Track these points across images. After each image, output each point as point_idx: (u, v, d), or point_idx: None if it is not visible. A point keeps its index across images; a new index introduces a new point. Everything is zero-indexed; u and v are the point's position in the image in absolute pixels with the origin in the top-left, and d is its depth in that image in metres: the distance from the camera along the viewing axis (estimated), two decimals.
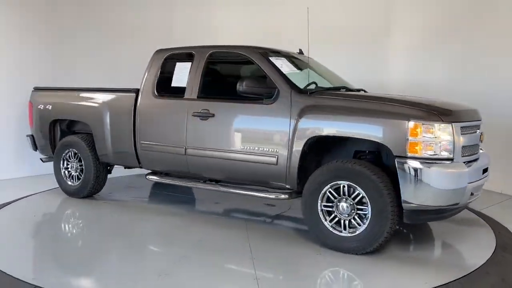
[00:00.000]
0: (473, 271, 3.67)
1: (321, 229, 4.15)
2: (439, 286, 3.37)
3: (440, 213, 3.96)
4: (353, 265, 3.83)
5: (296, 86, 4.42)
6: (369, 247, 3.95)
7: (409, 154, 3.74)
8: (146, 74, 5.40)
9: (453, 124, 3.77)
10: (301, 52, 5.52)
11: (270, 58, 4.69)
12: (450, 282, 3.43)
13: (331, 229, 4.10)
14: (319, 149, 4.41)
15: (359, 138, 4.09)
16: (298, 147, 4.22)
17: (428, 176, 3.69)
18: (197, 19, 8.68)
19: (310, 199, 4.18)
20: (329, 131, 4.10)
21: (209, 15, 8.76)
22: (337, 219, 4.09)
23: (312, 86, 4.61)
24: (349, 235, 4.03)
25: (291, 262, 4.00)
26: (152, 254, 4.35)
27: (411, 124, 3.73)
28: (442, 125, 3.74)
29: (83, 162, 5.89)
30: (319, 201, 4.14)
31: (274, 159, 4.38)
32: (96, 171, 5.84)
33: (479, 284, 3.50)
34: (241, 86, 4.35)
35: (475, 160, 4.15)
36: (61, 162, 6.10)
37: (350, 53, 7.65)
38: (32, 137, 6.45)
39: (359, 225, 3.98)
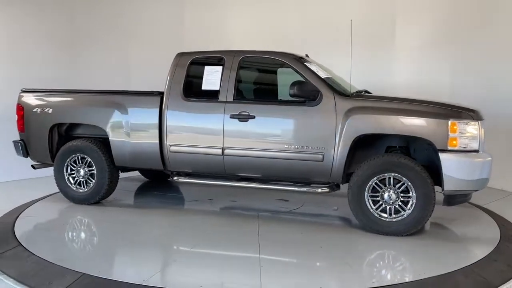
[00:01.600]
0: (481, 258, 4.07)
1: (369, 216, 4.69)
2: (455, 270, 3.77)
3: (466, 196, 4.74)
4: (397, 247, 4.41)
5: (336, 89, 4.89)
6: (413, 229, 4.60)
7: (449, 148, 4.45)
8: (171, 77, 5.44)
9: (479, 122, 4.55)
10: (307, 57, 5.99)
11: (305, 63, 5.09)
12: (464, 267, 3.85)
13: (378, 216, 4.66)
14: (357, 146, 4.92)
15: (393, 135, 4.72)
16: (346, 144, 4.70)
17: (466, 165, 4.44)
18: (206, 21, 8.81)
19: (358, 191, 4.70)
20: (378, 129, 4.66)
21: (218, 16, 8.89)
22: (382, 207, 4.66)
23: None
24: (395, 219, 4.62)
25: (349, 247, 4.48)
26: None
27: (450, 122, 4.44)
28: (472, 122, 4.50)
29: (94, 167, 5.70)
30: (366, 192, 4.68)
31: (320, 156, 4.81)
32: (110, 176, 5.70)
33: (488, 269, 3.88)
34: (293, 90, 4.71)
35: None
36: (65, 168, 5.82)
37: (354, 55, 8.01)
38: (22, 142, 6.02)
39: (404, 210, 4.60)
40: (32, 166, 6.25)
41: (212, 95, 5.26)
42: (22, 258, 4.03)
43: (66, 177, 5.85)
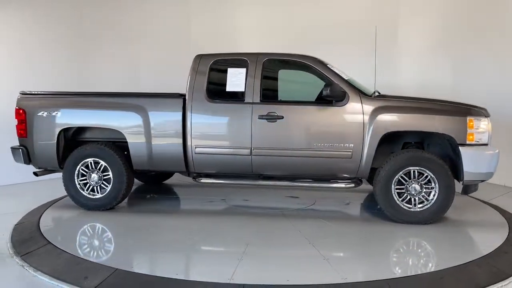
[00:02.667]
0: (493, 250, 4.26)
1: (396, 208, 5.06)
2: (469, 261, 3.99)
3: (476, 186, 5.26)
4: (420, 234, 4.79)
5: (361, 90, 5.21)
6: (436, 217, 5.05)
7: (467, 142, 4.95)
8: (192, 79, 5.45)
9: (488, 118, 5.10)
10: None
11: (328, 66, 5.36)
12: (476, 259, 4.06)
13: (404, 207, 5.05)
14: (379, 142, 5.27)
15: (410, 131, 5.14)
16: (374, 141, 5.04)
17: (482, 157, 4.95)
18: (213, 21, 8.85)
19: (386, 184, 5.05)
20: (405, 127, 5.04)
21: (224, 17, 8.93)
22: (407, 198, 5.06)
23: None
24: (420, 209, 5.04)
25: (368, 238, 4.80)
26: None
27: (468, 119, 4.94)
28: (483, 119, 5.03)
29: (110, 171, 5.54)
30: (393, 185, 5.05)
31: (349, 153, 5.10)
32: (128, 180, 5.57)
33: (500, 260, 4.09)
34: (326, 91, 4.96)
35: None
36: (76, 174, 5.59)
37: (357, 54, 8.12)
38: (24, 149, 5.68)
39: (427, 200, 5.02)
40: (35, 173, 5.91)
41: (237, 97, 5.36)
42: (54, 255, 4.12)
43: (77, 183, 5.62)
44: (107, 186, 5.60)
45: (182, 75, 6.58)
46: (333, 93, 4.99)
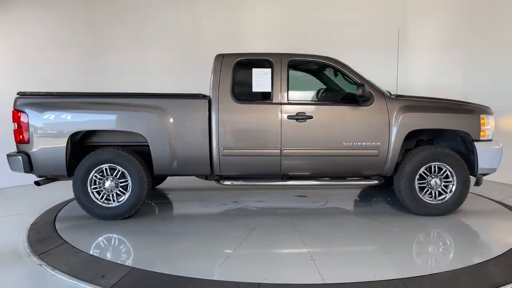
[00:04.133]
0: (508, 250, 4.27)
1: (419, 201, 5.37)
2: (485, 261, 4.00)
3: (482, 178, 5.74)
4: (434, 234, 4.97)
5: (384, 91, 5.44)
6: (455, 208, 5.43)
7: (481, 138, 5.39)
8: (216, 79, 5.30)
9: (493, 116, 5.60)
10: None
11: (351, 67, 5.51)
12: (492, 258, 4.07)
13: (425, 200, 5.37)
14: None
15: (425, 129, 5.49)
16: (400, 139, 5.29)
17: (492, 151, 5.43)
18: (222, 23, 8.80)
19: (410, 179, 5.34)
20: (427, 125, 5.36)
21: (233, 18, 8.90)
22: (428, 192, 5.39)
23: None
24: (440, 202, 5.39)
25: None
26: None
27: (481, 117, 5.39)
28: (491, 117, 5.52)
29: (129, 177, 5.19)
30: (416, 180, 5.35)
31: (376, 151, 5.30)
32: (148, 185, 5.26)
33: None
34: (360, 91, 5.11)
35: None
36: (89, 182, 5.16)
37: (367, 55, 8.26)
38: (25, 156, 5.12)
39: (445, 193, 5.39)
40: (37, 182, 5.35)
41: (264, 97, 5.31)
42: (71, 254, 4.17)
43: (90, 192, 5.18)
44: (124, 194, 5.23)
45: (192, 76, 6.46)
46: (365, 93, 5.16)
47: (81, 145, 5.40)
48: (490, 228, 5.18)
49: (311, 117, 5.25)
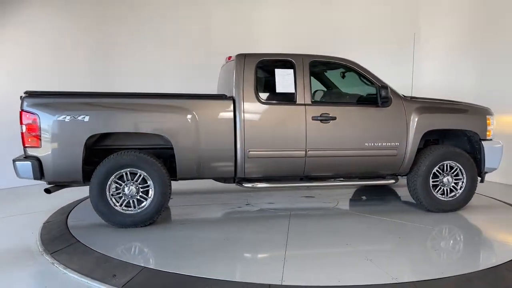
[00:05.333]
0: None
1: (433, 198, 5.59)
2: (499, 264, 3.94)
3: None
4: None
5: (398, 92, 5.60)
6: (464, 204, 5.72)
7: (487, 137, 5.73)
8: (239, 79, 5.17)
9: (493, 116, 5.96)
10: None
11: (369, 70, 5.62)
12: (508, 261, 3.99)
13: (439, 197, 5.61)
14: None
15: (433, 129, 5.73)
16: (417, 139, 5.48)
17: (496, 149, 5.78)
18: (233, 24, 8.78)
19: (425, 177, 5.54)
20: (443, 125, 5.60)
21: (244, 19, 8.86)
22: (440, 189, 5.63)
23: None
24: (451, 199, 5.65)
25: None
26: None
27: (487, 117, 5.72)
28: (492, 117, 5.87)
29: (151, 182, 4.92)
30: (431, 178, 5.57)
31: (395, 151, 5.45)
32: (170, 190, 5.03)
33: None
34: (383, 92, 5.22)
35: None
36: (108, 188, 4.84)
37: (380, 55, 8.31)
38: (36, 161, 4.69)
39: (456, 190, 5.66)
40: (47, 190, 4.92)
41: (288, 98, 5.26)
42: (83, 253, 4.20)
43: (109, 199, 4.86)
44: (145, 199, 4.96)
45: (203, 76, 6.32)
46: (388, 94, 5.28)
47: (91, 149, 5.04)
48: (501, 231, 5.18)
49: (334, 118, 5.28)
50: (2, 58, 7.47)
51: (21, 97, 4.83)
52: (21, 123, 4.71)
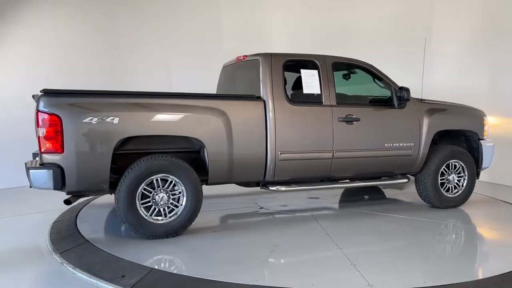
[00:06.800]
0: None
1: (441, 195, 5.88)
2: None
3: None
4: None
5: None
6: (465, 200, 6.08)
7: (484, 137, 6.15)
8: (267, 79, 5.00)
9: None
10: None
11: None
12: None
13: (445, 194, 5.92)
14: None
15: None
16: (429, 140, 5.72)
17: (491, 148, 6.22)
18: (244, 24, 8.77)
19: (435, 176, 5.81)
20: (452, 126, 5.92)
21: (255, 19, 8.86)
22: (446, 187, 5.95)
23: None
24: (454, 195, 5.98)
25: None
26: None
27: (484, 118, 6.14)
28: (486, 118, 6.32)
29: (183, 188, 4.59)
30: (439, 176, 5.85)
31: (410, 151, 5.64)
32: (201, 197, 4.73)
33: None
34: (405, 94, 5.37)
35: None
36: (138, 196, 4.43)
37: (392, 57, 8.19)
38: (58, 169, 4.15)
39: (459, 187, 6.01)
40: (68, 201, 4.40)
41: (314, 99, 5.21)
42: (92, 253, 4.18)
43: (139, 208, 4.44)
44: (176, 207, 4.61)
45: (214, 77, 6.12)
46: (409, 96, 5.44)
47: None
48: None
49: (358, 119, 5.33)
50: (15, 56, 7.54)
51: (35, 96, 4.26)
52: (38, 125, 4.14)
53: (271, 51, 5.35)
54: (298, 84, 5.24)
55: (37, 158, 4.78)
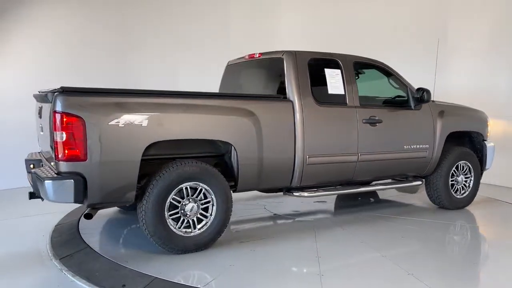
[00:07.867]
0: None
1: (451, 196, 5.90)
2: None
3: None
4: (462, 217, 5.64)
5: None
6: (472, 201, 6.14)
7: (487, 138, 6.25)
8: (293, 78, 4.71)
9: None
10: None
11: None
12: None
13: (455, 195, 5.95)
14: None
15: None
16: (442, 141, 5.69)
17: (493, 149, 6.33)
18: (253, 24, 8.57)
19: (446, 177, 5.80)
20: (463, 127, 5.94)
21: (264, 20, 8.71)
22: (455, 188, 5.98)
23: None
24: (462, 196, 6.03)
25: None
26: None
27: (488, 120, 6.24)
28: (489, 120, 6.43)
29: (214, 197, 4.18)
30: (450, 178, 5.87)
31: (425, 153, 5.59)
32: (232, 206, 4.36)
33: None
34: (425, 95, 5.30)
35: None
36: (167, 207, 3.99)
37: (406, 56, 7.99)
38: (81, 178, 3.62)
39: (466, 187, 6.06)
40: (89, 215, 3.89)
41: (339, 99, 4.99)
42: (93, 260, 4.05)
43: (167, 220, 4.00)
44: (205, 217, 4.21)
45: (221, 76, 5.82)
46: (430, 97, 5.38)
47: None
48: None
49: (381, 121, 5.19)
50: (18, 55, 7.35)
51: (49, 93, 3.69)
52: (55, 128, 3.57)
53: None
54: (320, 83, 4.97)
55: (41, 167, 4.21)
